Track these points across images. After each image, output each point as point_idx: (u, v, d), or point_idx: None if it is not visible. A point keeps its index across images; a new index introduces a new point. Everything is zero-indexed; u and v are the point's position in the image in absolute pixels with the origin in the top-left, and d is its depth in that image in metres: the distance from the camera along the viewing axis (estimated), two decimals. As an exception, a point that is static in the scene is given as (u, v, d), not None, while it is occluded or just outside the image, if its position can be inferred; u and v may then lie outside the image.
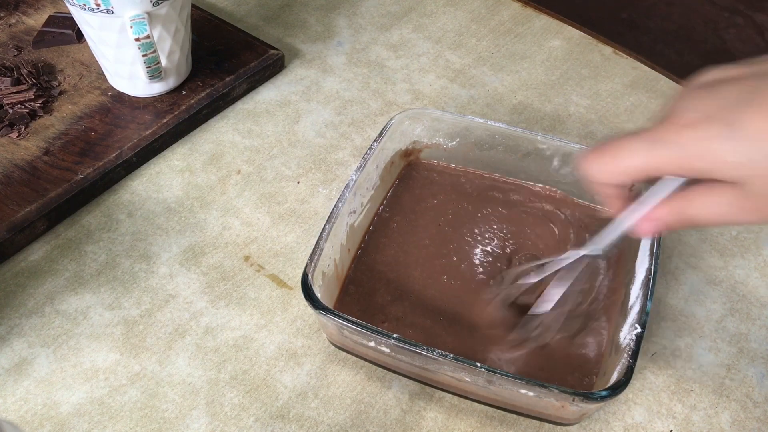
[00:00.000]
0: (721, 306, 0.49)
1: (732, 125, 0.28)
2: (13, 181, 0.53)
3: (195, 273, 0.50)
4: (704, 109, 0.29)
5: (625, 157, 0.31)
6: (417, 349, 0.39)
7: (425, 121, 0.52)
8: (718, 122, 0.28)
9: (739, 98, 0.28)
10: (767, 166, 0.27)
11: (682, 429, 0.43)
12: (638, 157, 0.31)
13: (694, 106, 0.29)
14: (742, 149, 0.27)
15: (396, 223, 0.51)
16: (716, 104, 0.29)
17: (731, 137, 0.28)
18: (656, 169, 0.31)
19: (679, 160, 0.29)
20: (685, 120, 0.29)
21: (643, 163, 0.31)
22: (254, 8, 0.72)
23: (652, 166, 0.31)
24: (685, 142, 0.29)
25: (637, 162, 0.31)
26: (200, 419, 0.43)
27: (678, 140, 0.29)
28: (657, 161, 0.30)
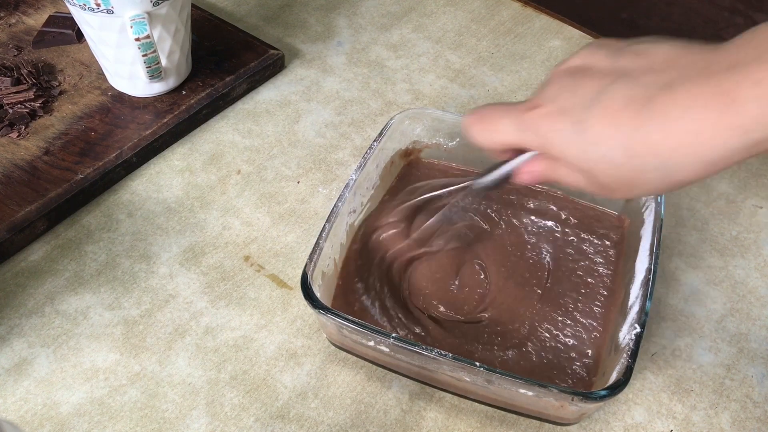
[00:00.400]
0: (721, 306, 0.49)
1: (578, 123, 0.31)
2: (13, 181, 0.53)
3: (195, 273, 0.50)
4: (563, 101, 0.32)
5: (499, 132, 0.35)
6: (416, 348, 0.39)
7: (425, 121, 0.52)
8: (569, 119, 0.31)
9: (590, 97, 0.31)
10: (602, 165, 0.30)
11: (682, 429, 0.43)
12: (508, 135, 0.35)
13: (556, 94, 0.33)
14: (582, 148, 0.31)
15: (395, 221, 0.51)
16: (572, 99, 0.31)
17: (576, 135, 0.31)
18: (522, 146, 0.35)
19: (538, 146, 0.34)
20: (545, 109, 0.33)
21: (512, 140, 0.35)
22: (254, 8, 0.72)
23: (518, 143, 0.35)
24: (542, 131, 0.33)
25: (507, 138, 0.35)
26: (200, 419, 0.43)
27: (536, 128, 0.33)
28: (521, 142, 0.34)
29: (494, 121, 0.35)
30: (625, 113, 0.29)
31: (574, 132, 0.31)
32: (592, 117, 0.30)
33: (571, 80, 0.33)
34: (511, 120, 0.34)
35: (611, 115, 0.30)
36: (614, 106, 0.30)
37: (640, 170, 0.30)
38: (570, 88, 0.32)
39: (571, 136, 0.31)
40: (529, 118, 0.33)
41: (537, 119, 0.33)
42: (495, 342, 0.45)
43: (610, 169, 0.30)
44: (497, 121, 0.35)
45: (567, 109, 0.31)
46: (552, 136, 0.32)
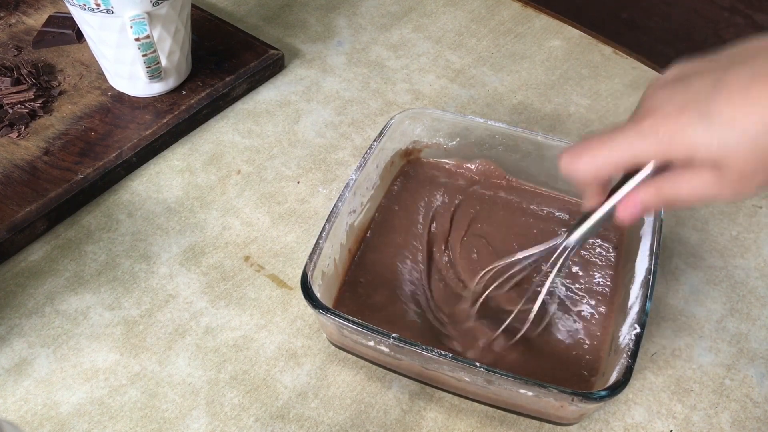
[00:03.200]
0: (721, 306, 0.49)
1: (705, 114, 0.30)
2: (13, 181, 0.53)
3: (195, 273, 0.50)
4: (678, 101, 0.31)
5: (608, 151, 0.33)
6: (416, 348, 0.39)
7: (425, 120, 0.52)
8: (693, 112, 0.30)
9: (708, 89, 0.30)
10: (739, 148, 0.29)
11: (682, 429, 0.43)
12: (620, 151, 0.33)
13: (668, 99, 0.31)
14: (716, 135, 0.29)
15: (396, 221, 0.51)
16: (688, 96, 0.31)
17: (705, 125, 0.30)
18: (637, 159, 0.33)
19: (659, 149, 0.31)
20: (661, 112, 0.31)
21: (625, 156, 0.33)
22: (254, 8, 0.72)
23: (633, 157, 0.32)
24: (663, 132, 0.31)
25: (620, 155, 0.33)
26: (200, 419, 0.43)
27: (657, 131, 0.31)
28: (638, 152, 0.32)
29: (601, 142, 0.33)
30: (754, 88, 0.29)
31: (703, 122, 0.30)
32: (719, 103, 0.29)
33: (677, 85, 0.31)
34: (622, 133, 0.32)
35: (740, 94, 0.29)
36: (739, 86, 0.29)
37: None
38: (682, 89, 0.31)
39: (701, 126, 0.30)
40: (645, 125, 0.31)
41: (655, 121, 0.31)
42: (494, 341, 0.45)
43: (751, 151, 0.29)
44: (604, 141, 0.33)
45: (687, 105, 0.30)
46: (678, 135, 0.30)
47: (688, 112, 0.30)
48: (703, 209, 0.55)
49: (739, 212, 0.55)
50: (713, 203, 0.31)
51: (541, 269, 0.45)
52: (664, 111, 0.31)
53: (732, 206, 0.56)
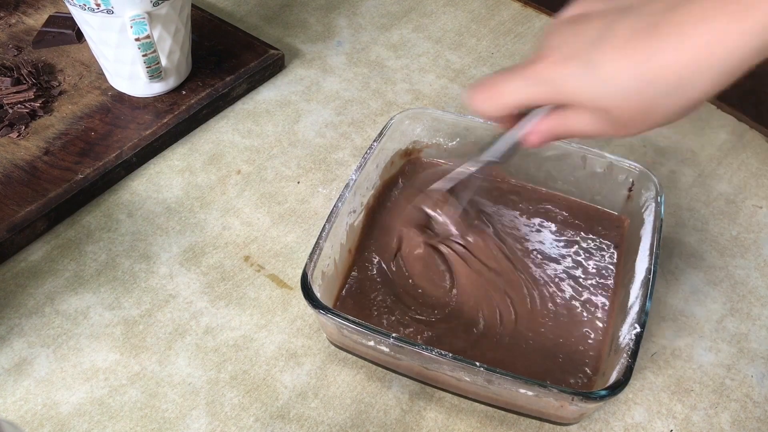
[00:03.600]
0: (721, 306, 0.49)
1: (588, 64, 0.31)
2: (13, 181, 0.53)
3: (195, 273, 0.50)
4: (568, 47, 0.32)
5: (505, 94, 0.35)
6: (416, 348, 0.39)
7: (425, 120, 0.52)
8: (578, 61, 0.31)
9: (595, 36, 0.31)
10: (620, 99, 0.31)
11: (682, 429, 0.43)
12: (516, 94, 0.35)
13: (559, 43, 0.33)
14: (597, 86, 0.31)
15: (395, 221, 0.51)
16: (577, 42, 0.32)
17: (588, 75, 0.31)
18: (533, 102, 0.35)
19: (549, 95, 0.34)
20: (551, 58, 0.33)
21: (521, 99, 0.35)
22: (254, 8, 0.72)
23: (528, 100, 0.35)
24: (552, 79, 0.33)
25: (516, 98, 0.35)
26: (200, 419, 0.43)
27: (546, 78, 0.33)
28: (532, 97, 0.34)
29: (499, 84, 0.35)
30: (634, 43, 0.30)
31: (586, 73, 0.31)
32: (601, 54, 0.30)
33: (572, 27, 0.33)
34: (518, 78, 0.34)
35: (621, 47, 0.30)
36: (622, 38, 0.30)
37: (655, 96, 0.30)
38: (573, 33, 0.32)
39: (584, 77, 0.31)
40: (538, 70, 0.33)
41: (545, 69, 0.33)
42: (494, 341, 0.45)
43: (626, 102, 0.31)
44: (502, 84, 0.35)
45: (574, 53, 0.32)
46: (564, 82, 0.32)
47: (574, 61, 0.31)
48: (703, 209, 0.55)
49: (739, 212, 0.55)
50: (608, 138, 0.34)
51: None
52: (554, 57, 0.33)
53: (732, 206, 0.56)
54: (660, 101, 0.30)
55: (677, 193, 0.56)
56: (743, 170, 0.58)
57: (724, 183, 0.57)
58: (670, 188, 0.57)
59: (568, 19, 0.34)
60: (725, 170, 0.58)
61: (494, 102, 0.36)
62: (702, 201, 0.56)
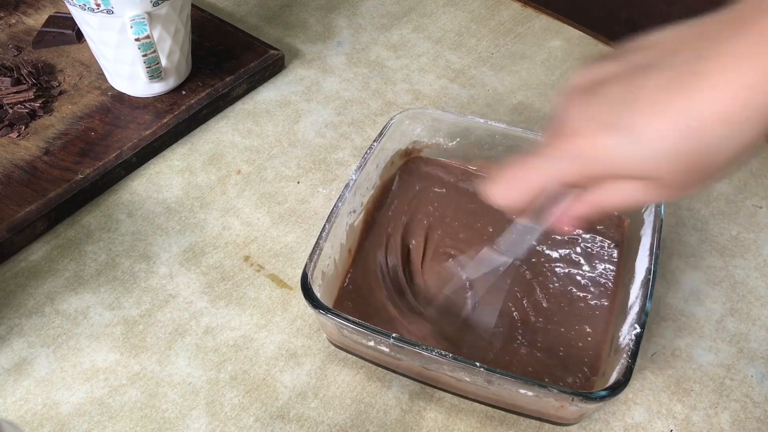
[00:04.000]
0: (721, 306, 0.49)
1: (626, 129, 0.28)
2: (13, 181, 0.53)
3: (195, 273, 0.50)
4: (595, 116, 0.29)
5: (529, 179, 0.32)
6: (416, 348, 0.39)
7: (425, 121, 0.52)
8: (614, 129, 0.28)
9: (624, 100, 0.29)
10: (670, 160, 0.28)
11: (682, 429, 0.43)
12: (544, 177, 0.32)
13: (584, 113, 0.30)
14: (641, 151, 0.28)
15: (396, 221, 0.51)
16: (605, 109, 0.29)
17: (629, 142, 0.28)
18: (560, 182, 0.32)
19: (583, 172, 0.30)
20: (580, 130, 0.30)
21: (550, 181, 0.32)
22: (254, 8, 0.72)
23: (559, 181, 0.31)
24: (585, 153, 0.30)
25: (541, 180, 0.32)
26: (200, 419, 0.43)
27: (577, 152, 0.30)
28: (563, 176, 0.31)
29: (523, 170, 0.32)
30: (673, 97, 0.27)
31: (625, 139, 0.28)
32: (638, 116, 0.28)
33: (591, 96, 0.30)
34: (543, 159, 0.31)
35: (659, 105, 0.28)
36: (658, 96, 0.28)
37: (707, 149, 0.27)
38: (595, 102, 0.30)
39: (624, 145, 0.28)
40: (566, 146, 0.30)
41: (576, 144, 0.30)
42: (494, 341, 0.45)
43: (677, 163, 0.28)
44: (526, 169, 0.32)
45: (606, 121, 0.29)
46: (602, 154, 0.29)
47: (610, 129, 0.29)
48: (703, 209, 0.55)
49: (739, 212, 0.55)
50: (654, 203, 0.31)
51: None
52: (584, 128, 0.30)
53: (732, 206, 0.56)
54: (712, 153, 0.27)
55: (677, 193, 0.56)
56: (743, 170, 0.58)
57: (724, 183, 0.57)
58: (670, 188, 0.57)
59: (581, 88, 0.31)
60: (725, 170, 0.58)
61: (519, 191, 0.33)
62: (702, 201, 0.56)
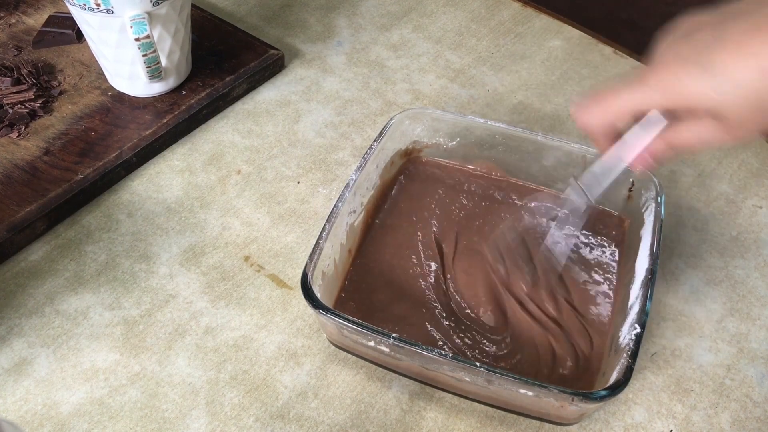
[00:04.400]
0: (721, 306, 0.49)
1: (704, 65, 0.31)
2: (13, 181, 0.53)
3: (195, 273, 0.50)
4: (681, 53, 0.33)
5: (615, 103, 0.35)
6: (416, 348, 0.39)
7: (425, 120, 0.52)
8: (693, 64, 0.32)
9: (708, 41, 0.32)
10: (736, 98, 0.31)
11: (682, 429, 0.43)
12: (630, 102, 0.35)
13: (673, 53, 0.33)
14: (714, 86, 0.31)
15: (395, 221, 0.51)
16: (690, 48, 0.32)
17: (705, 76, 0.31)
18: (642, 108, 0.35)
19: (662, 100, 0.34)
20: (666, 64, 0.33)
21: (631, 104, 0.35)
22: (254, 8, 0.72)
23: (638, 107, 0.35)
24: (665, 83, 0.33)
25: (626, 104, 0.35)
26: (200, 419, 0.43)
27: (659, 82, 0.33)
28: (642, 102, 0.35)
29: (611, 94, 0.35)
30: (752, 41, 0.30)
31: (704, 73, 0.31)
32: (719, 54, 0.31)
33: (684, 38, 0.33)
34: (631, 86, 0.34)
35: (738, 46, 0.30)
36: (739, 38, 0.30)
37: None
38: (686, 42, 0.33)
39: (702, 77, 0.31)
40: (653, 76, 0.33)
41: (661, 74, 0.33)
42: (494, 342, 0.45)
43: (746, 99, 0.31)
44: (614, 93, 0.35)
45: (691, 57, 0.32)
46: (682, 84, 0.32)
47: (689, 64, 0.32)
48: (703, 209, 0.55)
49: (739, 212, 0.55)
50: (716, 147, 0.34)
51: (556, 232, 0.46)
52: (667, 63, 0.33)
53: (732, 206, 0.56)
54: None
55: (677, 193, 0.56)
56: (743, 170, 0.58)
57: (724, 183, 0.57)
58: (670, 188, 0.57)
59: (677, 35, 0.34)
60: (725, 170, 0.58)
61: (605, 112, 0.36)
62: (702, 201, 0.56)
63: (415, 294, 0.47)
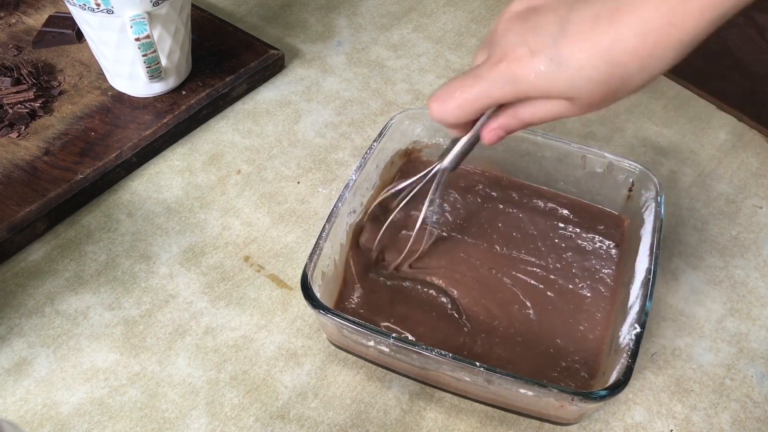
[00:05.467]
0: (721, 306, 0.49)
1: (555, 58, 0.32)
2: (13, 181, 0.53)
3: (195, 273, 0.50)
4: (528, 42, 0.33)
5: (470, 99, 0.35)
6: (416, 348, 0.39)
7: (425, 120, 0.52)
8: (543, 56, 0.32)
9: (555, 29, 0.32)
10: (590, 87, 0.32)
11: (682, 429, 0.43)
12: (481, 98, 0.35)
13: (517, 39, 0.33)
14: (567, 78, 0.32)
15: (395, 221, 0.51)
16: (536, 37, 0.32)
17: (556, 70, 0.32)
18: (495, 102, 0.35)
19: (516, 92, 0.34)
20: (513, 56, 0.33)
21: (483, 101, 0.35)
22: (254, 8, 0.72)
23: (491, 101, 0.35)
24: (518, 77, 0.33)
25: (478, 102, 0.35)
26: (200, 419, 0.43)
27: (511, 77, 0.33)
28: (495, 97, 0.34)
29: (461, 89, 0.35)
30: (597, 31, 0.31)
31: (553, 67, 0.32)
32: (566, 46, 0.31)
33: (526, 23, 0.33)
34: (481, 80, 0.34)
35: (584, 37, 0.31)
36: (583, 29, 0.31)
37: (622, 77, 0.31)
38: (530, 29, 0.33)
39: (552, 72, 0.32)
40: (501, 70, 0.33)
41: (511, 69, 0.33)
42: (495, 341, 0.45)
43: (596, 88, 0.32)
44: (465, 89, 0.35)
45: (538, 49, 0.32)
46: (534, 79, 0.32)
47: (539, 57, 0.32)
48: (703, 209, 0.55)
49: (739, 212, 0.55)
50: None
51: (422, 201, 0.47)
52: (518, 54, 0.33)
53: (732, 206, 0.56)
54: (627, 81, 0.31)
55: (677, 193, 0.56)
56: (743, 170, 0.58)
57: (724, 183, 0.57)
58: (670, 188, 0.57)
59: (518, 14, 0.34)
60: (725, 170, 0.58)
61: (458, 108, 0.36)
62: (702, 201, 0.56)
63: (415, 294, 0.47)
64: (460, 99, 0.36)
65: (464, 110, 0.36)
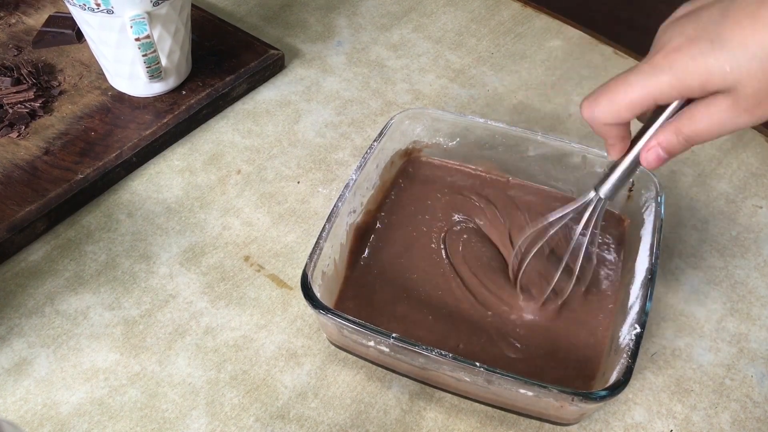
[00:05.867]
0: (721, 306, 0.49)
1: (715, 41, 0.30)
2: (13, 181, 0.53)
3: (195, 273, 0.50)
4: (688, 32, 0.31)
5: (624, 92, 0.33)
6: (416, 348, 0.39)
7: (425, 120, 0.52)
8: (703, 40, 0.31)
9: (717, 17, 0.31)
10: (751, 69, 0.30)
11: (682, 429, 0.43)
12: (636, 90, 0.33)
13: (678, 32, 0.32)
14: (728, 59, 0.30)
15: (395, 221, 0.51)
16: (698, 26, 0.31)
17: (717, 51, 0.30)
18: (654, 96, 0.33)
19: (674, 82, 0.32)
20: (670, 46, 0.32)
21: (642, 94, 0.33)
22: (254, 8, 0.72)
23: (650, 94, 0.32)
24: (676, 65, 0.31)
25: (636, 94, 0.33)
26: (200, 419, 0.43)
27: (669, 65, 0.31)
28: (654, 89, 0.32)
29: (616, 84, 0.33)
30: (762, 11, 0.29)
31: (713, 48, 0.30)
32: (728, 28, 0.30)
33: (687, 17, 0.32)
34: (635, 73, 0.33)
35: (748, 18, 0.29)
36: (747, 11, 0.30)
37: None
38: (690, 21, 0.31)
39: (713, 53, 0.30)
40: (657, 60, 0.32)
41: (667, 56, 0.31)
42: (495, 342, 0.45)
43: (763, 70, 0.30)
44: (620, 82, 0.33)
45: (698, 35, 0.31)
46: (692, 64, 0.31)
47: (699, 41, 0.31)
48: (703, 209, 0.55)
49: (739, 212, 0.55)
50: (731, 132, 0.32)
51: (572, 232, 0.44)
52: (674, 44, 0.31)
53: (732, 206, 0.56)
54: None
55: (677, 193, 0.56)
56: (743, 170, 0.58)
57: (724, 183, 0.57)
58: (670, 188, 0.57)
59: (678, 17, 0.33)
60: (725, 170, 0.58)
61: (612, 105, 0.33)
62: (702, 201, 0.56)
63: (415, 294, 0.47)
64: (611, 94, 0.33)
65: (616, 106, 0.33)
